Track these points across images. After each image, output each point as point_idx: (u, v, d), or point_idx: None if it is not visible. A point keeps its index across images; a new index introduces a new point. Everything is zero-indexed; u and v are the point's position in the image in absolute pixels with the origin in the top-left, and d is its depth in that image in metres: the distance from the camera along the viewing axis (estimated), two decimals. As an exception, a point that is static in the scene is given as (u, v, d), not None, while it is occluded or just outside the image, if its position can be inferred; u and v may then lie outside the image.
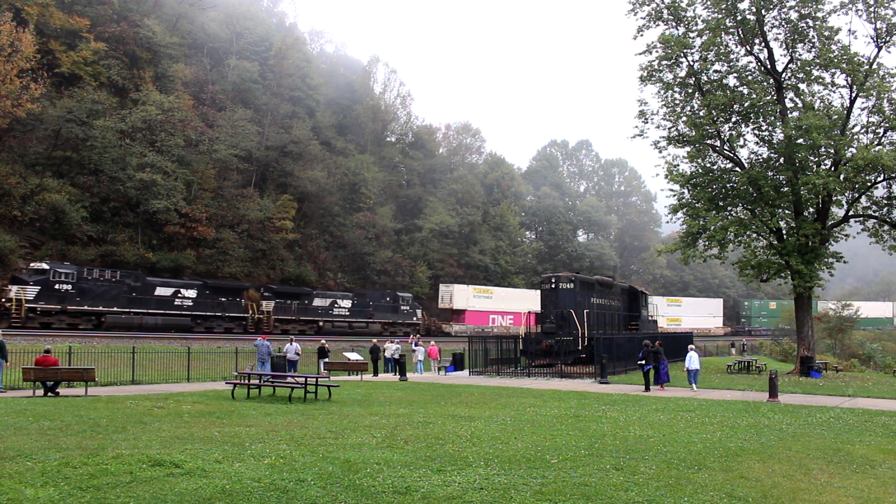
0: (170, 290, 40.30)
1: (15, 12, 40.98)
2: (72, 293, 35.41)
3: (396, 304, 52.46)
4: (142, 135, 45.15)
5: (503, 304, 62.37)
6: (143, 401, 15.45)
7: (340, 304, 48.81)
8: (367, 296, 51.58)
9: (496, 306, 61.92)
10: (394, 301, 52.60)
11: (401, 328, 51.48)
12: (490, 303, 61.45)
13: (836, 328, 54.18)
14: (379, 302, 51.53)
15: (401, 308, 52.61)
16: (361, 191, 62.24)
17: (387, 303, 52.09)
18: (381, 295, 52.92)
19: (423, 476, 7.97)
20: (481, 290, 61.76)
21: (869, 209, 30.41)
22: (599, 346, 25.20)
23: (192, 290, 41.26)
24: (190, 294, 41.07)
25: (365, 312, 49.82)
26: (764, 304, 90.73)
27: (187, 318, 40.37)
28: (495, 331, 56.79)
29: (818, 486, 8.05)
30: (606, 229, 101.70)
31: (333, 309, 48.29)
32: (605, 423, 13.00)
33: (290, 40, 63.55)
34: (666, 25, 30.49)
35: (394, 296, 53.32)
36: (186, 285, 41.22)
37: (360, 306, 49.75)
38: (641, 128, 31.55)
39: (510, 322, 62.15)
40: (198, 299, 41.23)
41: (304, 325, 46.31)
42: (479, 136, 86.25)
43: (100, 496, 6.78)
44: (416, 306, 54.31)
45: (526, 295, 64.87)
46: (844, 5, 28.19)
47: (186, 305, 40.65)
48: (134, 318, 37.99)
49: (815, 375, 27.62)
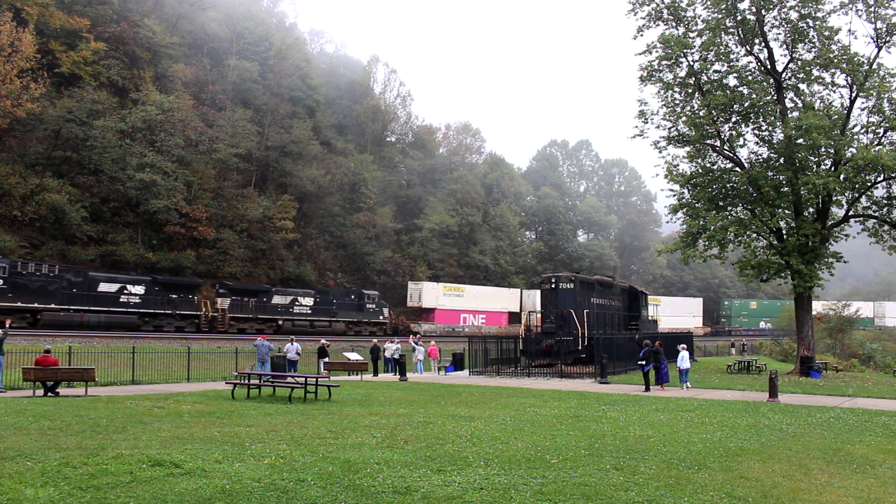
0: (115, 286, 37.64)
1: (15, 12, 41.00)
2: (3, 288, 32.97)
3: (362, 303, 50.39)
4: (142, 135, 45.16)
5: (475, 302, 60.99)
6: (143, 401, 15.45)
7: (301, 302, 46.70)
8: (331, 293, 49.55)
9: (468, 305, 60.31)
10: (359, 299, 50.58)
11: (366, 327, 49.73)
12: (461, 301, 59.77)
13: (836, 328, 54.14)
14: (343, 300, 49.52)
15: (366, 306, 50.54)
16: (361, 191, 62.25)
17: (351, 301, 50.04)
18: (345, 293, 51.01)
19: (423, 476, 7.97)
20: (452, 288, 59.90)
21: (869, 209, 30.39)
22: (599, 346, 25.20)
23: (139, 285, 38.71)
24: (137, 290, 38.43)
25: (328, 311, 47.78)
26: (744, 303, 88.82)
27: (134, 316, 37.82)
28: (466, 330, 55.37)
29: (818, 486, 8.05)
30: (606, 229, 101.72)
31: (294, 307, 46.24)
32: (605, 423, 13.00)
33: (290, 40, 63.59)
34: (666, 25, 30.50)
35: (359, 294, 51.34)
36: (133, 281, 38.67)
37: (323, 304, 47.69)
38: (641, 128, 31.56)
39: (482, 322, 60.91)
40: (146, 296, 38.69)
41: (262, 324, 44.21)
42: (479, 136, 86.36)
43: (100, 496, 6.78)
44: (382, 304, 52.35)
45: (500, 294, 64.27)
46: (844, 5, 28.18)
47: (133, 302, 37.98)
48: (74, 316, 35.40)
49: (815, 375, 27.62)
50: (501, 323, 63.25)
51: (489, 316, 62.43)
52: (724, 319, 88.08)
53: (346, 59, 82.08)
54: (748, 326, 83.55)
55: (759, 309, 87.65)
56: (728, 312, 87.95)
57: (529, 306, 64.26)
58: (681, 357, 21.78)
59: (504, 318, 63.98)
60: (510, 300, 65.12)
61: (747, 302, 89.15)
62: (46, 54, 42.92)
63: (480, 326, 59.68)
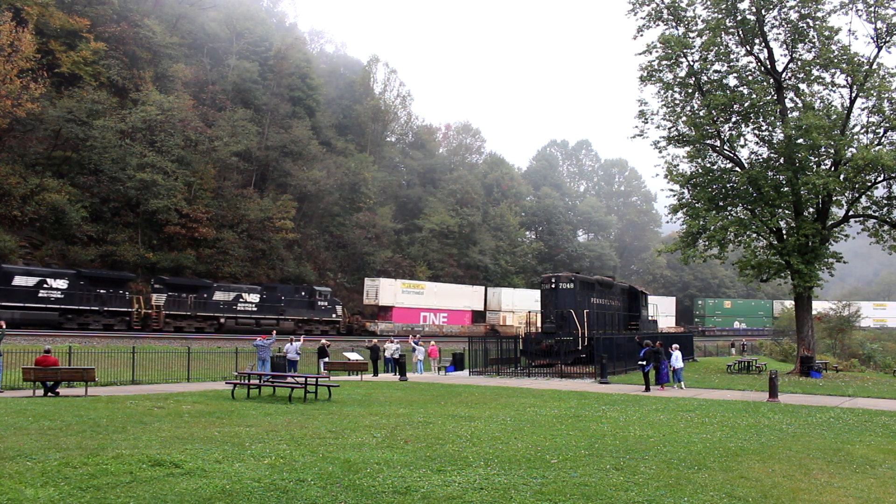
0: (33, 280, 35.07)
1: (15, 12, 40.99)
2: None
3: (313, 300, 47.69)
4: (142, 135, 45.15)
5: (436, 300, 58.01)
6: (143, 401, 15.45)
7: (246, 299, 44.04)
8: (279, 289, 46.79)
9: (428, 303, 57.34)
10: (310, 296, 47.82)
11: (317, 326, 47.28)
12: (421, 299, 56.81)
13: (836, 328, 54.13)
14: (292, 296, 46.85)
15: (318, 304, 47.91)
16: (361, 191, 62.26)
17: (301, 297, 47.36)
18: (294, 289, 48.03)
19: (423, 476, 7.97)
20: (411, 285, 57.10)
21: (869, 209, 30.40)
22: (599, 346, 25.21)
23: (61, 279, 36.03)
24: (59, 284, 35.82)
25: (275, 308, 45.18)
26: (718, 302, 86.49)
27: (54, 313, 35.22)
28: (426, 330, 53.68)
29: (818, 486, 8.05)
30: (606, 229, 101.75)
31: (238, 304, 43.59)
32: (605, 423, 13.00)
33: (290, 40, 63.60)
34: (666, 25, 30.51)
35: (309, 290, 48.50)
36: (55, 274, 36.04)
37: (270, 301, 45.14)
38: (641, 128, 31.57)
39: (444, 321, 58.22)
40: (69, 291, 36.06)
41: (201, 322, 41.56)
42: (479, 136, 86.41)
43: (100, 496, 6.78)
44: (335, 302, 49.73)
45: (462, 291, 61.60)
46: (844, 5, 28.18)
47: (55, 298, 35.33)
48: None
49: (815, 375, 27.63)
50: (464, 322, 60.38)
51: (451, 314, 59.47)
52: (698, 319, 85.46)
53: (346, 59, 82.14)
54: (722, 326, 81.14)
55: (734, 308, 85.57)
56: (702, 312, 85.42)
57: (494, 305, 62.54)
58: (674, 357, 21.87)
59: (467, 317, 61.17)
60: (473, 298, 62.33)
61: (721, 301, 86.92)
62: (46, 54, 42.92)
63: (442, 325, 57.16)
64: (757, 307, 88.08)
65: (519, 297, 64.04)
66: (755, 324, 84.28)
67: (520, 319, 61.39)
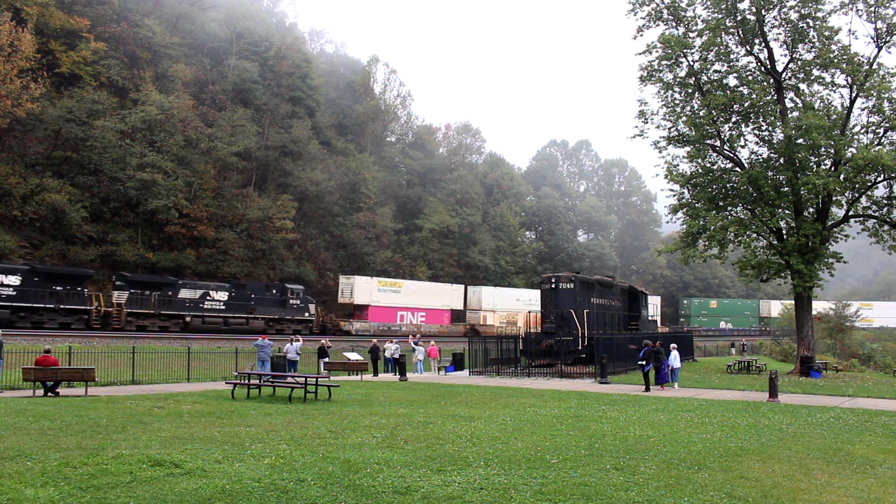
0: None
1: (15, 12, 40.99)
2: None
3: (284, 298, 46.05)
4: (142, 135, 45.16)
5: (414, 299, 56.63)
6: (143, 401, 15.45)
7: (214, 297, 42.34)
8: (249, 287, 45.04)
9: (405, 301, 55.97)
10: (281, 294, 46.21)
11: (289, 325, 45.81)
12: (398, 297, 55.41)
13: (836, 328, 54.15)
14: (262, 294, 45.21)
15: (290, 302, 46.24)
16: (361, 191, 62.28)
17: (272, 296, 45.73)
18: (265, 286, 46.41)
19: (423, 476, 7.97)
20: (388, 283, 55.68)
21: (869, 209, 30.40)
22: (599, 346, 25.20)
23: (13, 275, 34.41)
24: (11, 281, 34.13)
25: (245, 306, 43.57)
26: (704, 302, 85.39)
27: (6, 311, 33.70)
28: (403, 329, 52.59)
29: (818, 486, 8.05)
30: (606, 229, 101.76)
31: (205, 302, 41.88)
32: (605, 423, 13.00)
33: (289, 40, 63.62)
34: (666, 25, 30.51)
35: (281, 288, 46.76)
36: (6, 270, 34.41)
37: (239, 299, 43.44)
38: (641, 128, 31.57)
39: (422, 320, 56.83)
40: (22, 287, 34.40)
41: (166, 321, 39.90)
42: (479, 136, 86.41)
43: (100, 496, 6.78)
44: (308, 300, 48.07)
45: (441, 290, 60.18)
46: (844, 5, 28.19)
47: (6, 295, 33.91)
48: None
49: (815, 375, 27.62)
50: (443, 321, 58.90)
51: (430, 314, 58.01)
52: (683, 319, 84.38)
53: (346, 59, 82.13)
54: (708, 326, 80.00)
55: (719, 308, 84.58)
56: (687, 312, 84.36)
57: (475, 304, 61.21)
58: (672, 356, 21.91)
59: (446, 317, 59.72)
60: (453, 297, 60.79)
61: (707, 301, 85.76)
62: (46, 54, 42.93)
63: (420, 325, 55.61)
64: (743, 307, 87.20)
65: (500, 297, 62.96)
66: (741, 324, 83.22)
67: (501, 319, 60.51)
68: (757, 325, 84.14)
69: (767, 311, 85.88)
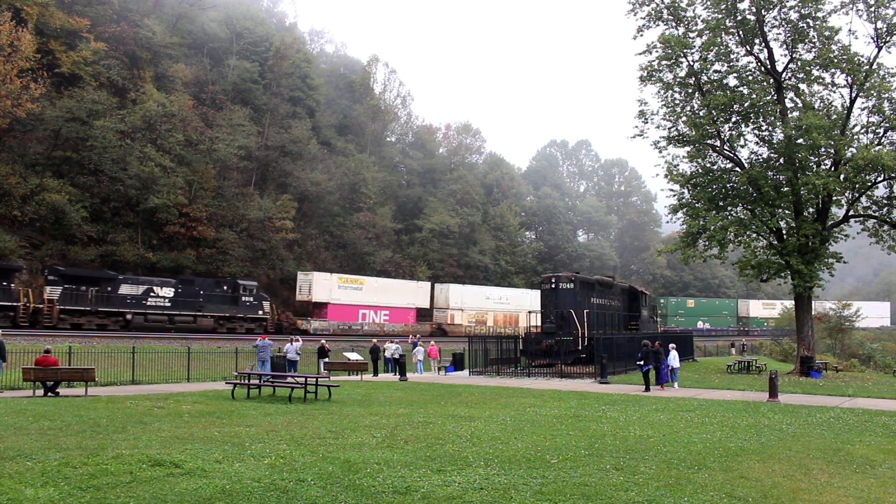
0: None
1: (15, 12, 40.98)
2: None
3: (236, 295, 43.70)
4: (142, 134, 45.15)
5: (376, 296, 54.11)
6: (143, 401, 15.45)
7: (158, 293, 39.87)
8: (197, 283, 42.49)
9: (368, 299, 53.45)
10: (233, 291, 43.82)
11: (241, 323, 43.76)
12: (360, 295, 52.85)
13: (835, 328, 54.17)
14: (212, 291, 42.72)
15: (242, 299, 43.89)
16: (361, 191, 62.28)
17: (223, 292, 43.31)
18: (214, 283, 43.75)
19: (423, 476, 7.97)
20: (349, 280, 52.83)
21: (869, 209, 30.41)
22: (599, 346, 25.21)
23: None
24: None
25: (192, 304, 41.21)
26: (681, 301, 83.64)
27: None
28: (365, 328, 50.99)
29: (818, 486, 8.05)
30: (606, 229, 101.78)
31: (148, 298, 39.29)
32: (605, 423, 13.00)
33: (289, 40, 63.59)
34: (666, 25, 30.52)
35: (233, 284, 44.34)
36: None
37: (187, 296, 41.09)
38: (641, 128, 31.59)
39: (385, 318, 54.50)
40: None
41: (104, 318, 37.30)
42: (479, 136, 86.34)
43: (100, 496, 6.78)
44: (262, 297, 45.90)
45: (405, 287, 57.60)
46: (845, 5, 28.21)
47: None
48: None
49: (815, 375, 27.63)
50: (408, 320, 56.56)
51: (393, 312, 55.55)
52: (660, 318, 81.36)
53: (346, 59, 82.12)
54: (685, 326, 78.06)
55: (697, 307, 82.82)
56: (664, 311, 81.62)
57: (442, 302, 59.25)
58: (672, 356, 21.93)
59: (411, 315, 57.26)
60: (418, 294, 58.22)
61: (684, 300, 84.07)
62: (46, 54, 42.91)
63: (383, 324, 53.62)
64: (721, 306, 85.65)
65: (469, 295, 60.87)
66: (719, 323, 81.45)
67: (470, 318, 58.61)
68: (735, 325, 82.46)
69: (746, 311, 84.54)
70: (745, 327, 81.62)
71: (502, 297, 63.99)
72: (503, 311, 62.99)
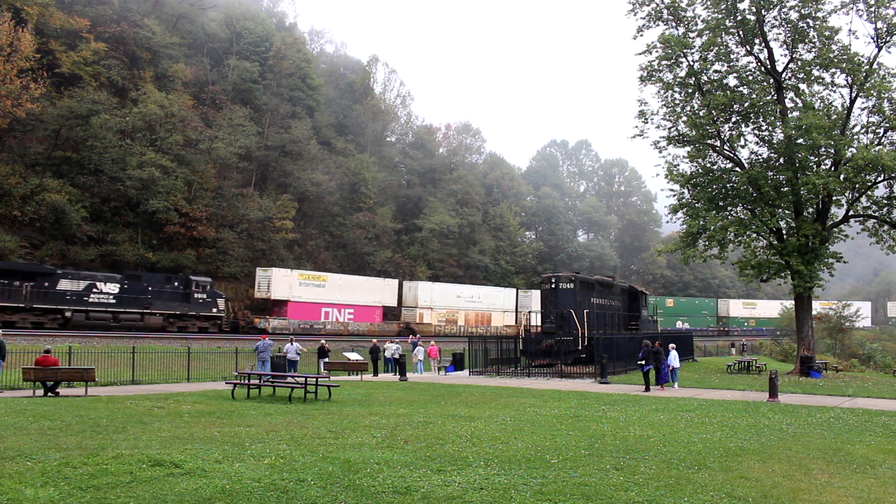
0: None
1: (15, 12, 40.99)
2: None
3: (188, 291, 41.41)
4: (142, 134, 45.17)
5: (340, 294, 51.62)
6: (143, 401, 15.45)
7: (101, 289, 37.42)
8: (145, 279, 39.99)
9: (331, 297, 50.98)
10: (185, 287, 41.46)
11: (193, 321, 41.47)
12: (322, 293, 50.34)
13: (835, 328, 54.17)
14: (162, 287, 40.34)
15: (194, 296, 41.57)
16: (361, 191, 62.30)
17: (173, 288, 40.92)
18: (164, 278, 41.23)
19: (423, 476, 7.97)
20: (310, 277, 50.23)
21: (869, 209, 30.42)
22: (599, 346, 25.21)
23: None
24: None
25: (140, 300, 38.83)
26: (660, 301, 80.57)
27: None
28: (328, 328, 48.92)
29: (818, 486, 8.05)
30: (606, 229, 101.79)
31: (90, 295, 36.96)
32: (605, 423, 13.00)
33: (289, 40, 63.62)
34: (666, 25, 30.53)
35: (185, 280, 41.84)
36: None
37: (133, 292, 38.66)
38: (641, 128, 31.58)
39: (350, 317, 52.21)
40: None
41: (40, 316, 35.18)
42: (479, 136, 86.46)
43: (100, 496, 6.78)
44: (217, 294, 43.55)
45: (372, 284, 54.86)
46: (845, 5, 28.21)
47: None
48: None
49: (815, 375, 27.63)
50: (374, 319, 54.23)
51: (359, 310, 53.07)
52: None
53: (346, 59, 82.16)
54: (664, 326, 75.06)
55: (676, 307, 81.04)
56: None
57: (410, 300, 57.17)
58: (672, 356, 21.94)
59: (378, 314, 54.92)
60: (385, 292, 55.69)
61: (663, 299, 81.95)
62: (46, 54, 42.92)
63: (347, 323, 51.61)
64: (701, 306, 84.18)
65: (439, 293, 58.70)
66: (698, 323, 79.73)
67: (440, 317, 57.11)
68: (715, 324, 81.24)
69: (726, 311, 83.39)
70: (724, 327, 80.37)
71: (474, 295, 61.75)
72: (475, 309, 61.09)
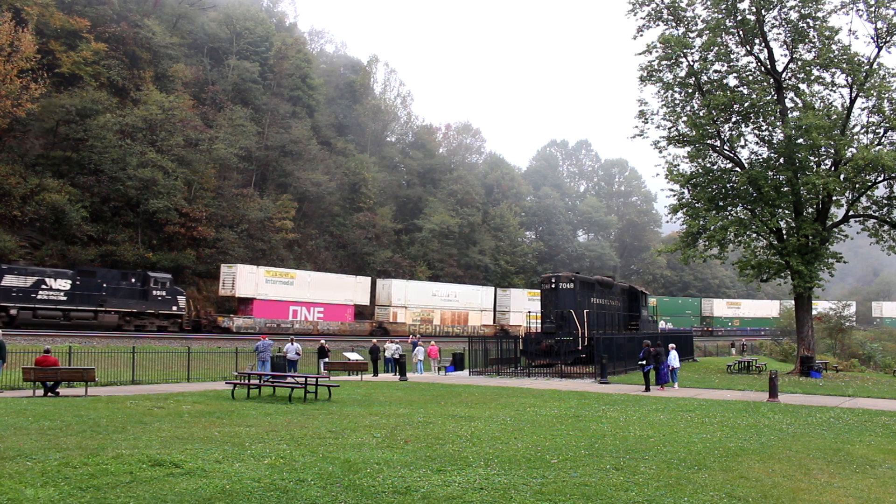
0: None
1: (15, 12, 41.00)
2: None
3: (146, 288, 39.38)
4: (142, 134, 45.18)
5: (309, 292, 49.64)
6: (143, 401, 15.45)
7: (51, 286, 35.64)
8: (99, 275, 38.00)
9: (300, 295, 49.02)
10: (142, 284, 39.44)
11: (151, 320, 39.52)
12: (290, 290, 48.44)
13: (835, 328, 54.15)
14: (117, 283, 38.35)
15: (153, 293, 39.61)
16: (361, 191, 62.31)
17: (130, 285, 38.92)
18: (120, 275, 39.17)
19: (423, 476, 7.97)
20: (278, 274, 48.32)
21: (869, 209, 30.42)
22: (599, 346, 25.21)
23: None
24: None
25: (93, 297, 36.96)
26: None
27: None
28: (296, 327, 47.25)
29: (818, 486, 8.05)
30: (606, 229, 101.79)
31: (38, 292, 35.13)
32: (605, 423, 13.00)
33: (289, 40, 63.65)
34: (666, 25, 30.52)
35: (143, 277, 39.81)
36: None
37: (86, 289, 36.78)
38: (641, 128, 31.58)
39: (319, 316, 50.18)
40: None
41: None
42: (479, 136, 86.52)
43: (100, 496, 6.78)
44: (177, 291, 41.56)
45: (342, 282, 52.47)
46: (845, 5, 28.21)
47: None
48: None
49: (815, 375, 27.63)
50: (345, 318, 51.89)
51: (329, 309, 50.81)
52: None
53: (346, 59, 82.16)
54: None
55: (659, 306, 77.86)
56: None
57: (384, 299, 55.27)
58: (672, 356, 21.94)
59: (349, 313, 52.47)
60: (357, 290, 53.15)
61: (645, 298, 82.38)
62: (46, 54, 42.91)
63: (317, 322, 49.73)
64: (684, 306, 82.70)
65: (413, 291, 56.83)
66: (682, 323, 78.19)
67: (414, 316, 55.94)
68: (699, 324, 79.80)
69: (710, 311, 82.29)
70: (708, 327, 79.36)
71: (450, 293, 60.21)
72: (451, 308, 59.62)
